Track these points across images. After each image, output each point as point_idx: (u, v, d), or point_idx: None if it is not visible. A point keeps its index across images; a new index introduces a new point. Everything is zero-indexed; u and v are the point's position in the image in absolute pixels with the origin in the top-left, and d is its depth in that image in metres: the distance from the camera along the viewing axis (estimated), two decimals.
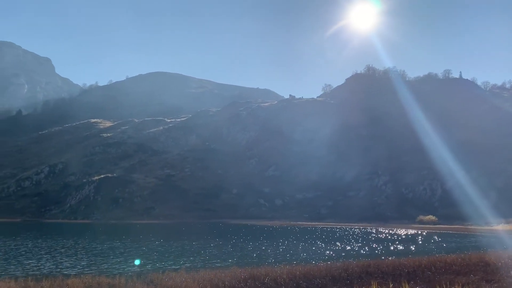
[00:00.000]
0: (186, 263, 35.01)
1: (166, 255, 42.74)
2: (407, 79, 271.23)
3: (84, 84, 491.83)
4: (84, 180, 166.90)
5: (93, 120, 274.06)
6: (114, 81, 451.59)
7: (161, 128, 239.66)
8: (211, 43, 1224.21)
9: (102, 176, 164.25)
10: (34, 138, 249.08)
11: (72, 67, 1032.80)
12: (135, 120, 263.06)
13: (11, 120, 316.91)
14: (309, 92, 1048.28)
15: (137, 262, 19.80)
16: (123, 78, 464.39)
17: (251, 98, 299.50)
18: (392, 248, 52.61)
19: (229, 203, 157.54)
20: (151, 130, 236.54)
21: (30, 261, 36.91)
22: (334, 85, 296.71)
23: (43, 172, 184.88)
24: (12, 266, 33.75)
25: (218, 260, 37.41)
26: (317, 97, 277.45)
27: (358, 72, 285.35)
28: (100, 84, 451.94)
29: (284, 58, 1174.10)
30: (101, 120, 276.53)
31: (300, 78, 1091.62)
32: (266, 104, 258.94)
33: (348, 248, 52.23)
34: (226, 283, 20.57)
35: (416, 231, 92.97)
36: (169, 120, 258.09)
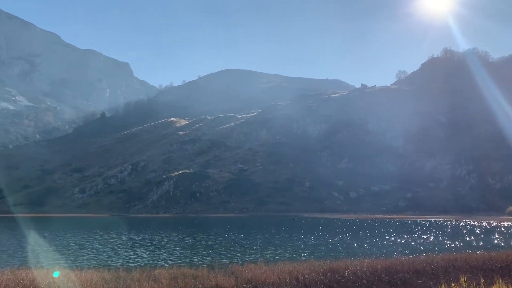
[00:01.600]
0: (273, 256, 35.35)
1: (254, 248, 43.30)
2: (490, 60, 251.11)
3: (160, 85, 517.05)
4: (164, 176, 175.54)
5: (170, 119, 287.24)
6: (187, 81, 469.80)
7: (233, 124, 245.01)
8: (279, 38, 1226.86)
9: (180, 172, 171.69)
10: (118, 138, 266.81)
11: (148, 70, 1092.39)
12: (208, 117, 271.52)
13: (96, 122, 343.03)
14: (382, 80, 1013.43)
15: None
16: (195, 77, 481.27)
17: (321, 90, 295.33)
18: (480, 241, 49.22)
19: (302, 196, 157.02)
20: (223, 127, 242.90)
21: (127, 253, 39.50)
22: (409, 71, 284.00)
23: (127, 170, 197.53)
24: (113, 258, 36.42)
25: (305, 254, 37.21)
26: (390, 84, 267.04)
27: (435, 56, 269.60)
28: (175, 84, 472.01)
29: (353, 46, 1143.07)
30: (177, 119, 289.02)
31: (372, 66, 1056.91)
32: (337, 95, 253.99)
33: (432, 241, 49.76)
34: (306, 275, 20.54)
35: (507, 223, 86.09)
36: (239, 116, 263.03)
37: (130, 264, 30.44)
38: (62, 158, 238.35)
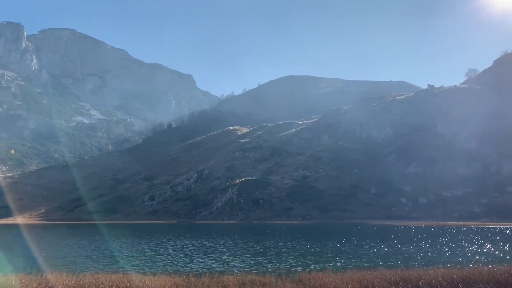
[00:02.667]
0: (345, 265, 34.59)
1: (326, 256, 42.80)
2: None
3: (222, 95, 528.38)
4: (228, 184, 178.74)
5: (231, 128, 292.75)
6: (248, 89, 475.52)
7: (293, 130, 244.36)
8: (339, 40, 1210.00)
9: (243, 179, 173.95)
10: (183, 147, 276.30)
11: (210, 80, 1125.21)
12: (269, 124, 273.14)
13: (163, 132, 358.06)
14: (450, 79, 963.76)
15: None
16: (256, 85, 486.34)
17: (385, 92, 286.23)
18: None
19: (367, 203, 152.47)
20: (284, 133, 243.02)
21: (201, 260, 40.51)
22: (480, 69, 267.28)
23: (192, 177, 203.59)
24: (188, 264, 37.68)
25: (380, 262, 36.06)
26: (460, 84, 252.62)
27: (509, 52, 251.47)
28: (236, 93, 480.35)
29: (418, 45, 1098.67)
30: (238, 127, 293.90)
31: (438, 65, 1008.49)
32: (402, 97, 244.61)
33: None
34: (376, 285, 19.93)
35: None
36: (300, 122, 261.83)
37: (205, 270, 31.18)
38: (132, 168, 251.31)
